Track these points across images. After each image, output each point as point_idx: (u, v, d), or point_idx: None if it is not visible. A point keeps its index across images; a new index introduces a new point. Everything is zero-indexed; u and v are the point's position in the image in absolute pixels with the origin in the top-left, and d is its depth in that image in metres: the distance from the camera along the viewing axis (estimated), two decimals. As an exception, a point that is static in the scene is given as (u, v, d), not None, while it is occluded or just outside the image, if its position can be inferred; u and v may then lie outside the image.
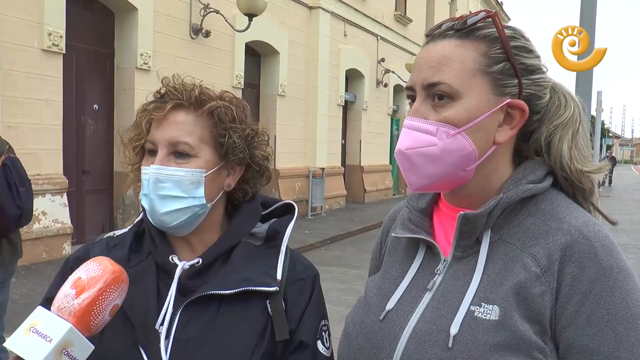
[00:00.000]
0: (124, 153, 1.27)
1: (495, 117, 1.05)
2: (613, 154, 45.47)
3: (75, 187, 8.70)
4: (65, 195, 8.06)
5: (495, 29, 1.04)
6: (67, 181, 8.09)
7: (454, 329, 0.99)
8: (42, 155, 7.73)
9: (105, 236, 1.30)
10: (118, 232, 1.31)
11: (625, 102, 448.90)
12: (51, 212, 7.81)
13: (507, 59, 1.04)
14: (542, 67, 1.09)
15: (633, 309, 0.95)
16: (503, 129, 1.06)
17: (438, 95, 1.03)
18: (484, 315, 0.99)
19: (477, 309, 1.00)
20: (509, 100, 1.05)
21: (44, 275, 7.00)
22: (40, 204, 7.51)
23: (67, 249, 8.02)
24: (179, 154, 1.18)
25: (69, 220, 8.10)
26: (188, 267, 1.21)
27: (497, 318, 0.98)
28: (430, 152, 1.03)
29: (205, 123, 1.21)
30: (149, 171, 1.17)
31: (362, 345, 1.10)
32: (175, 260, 1.21)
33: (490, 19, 1.05)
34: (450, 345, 0.98)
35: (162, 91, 1.22)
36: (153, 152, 1.20)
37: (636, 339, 0.94)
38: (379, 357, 1.06)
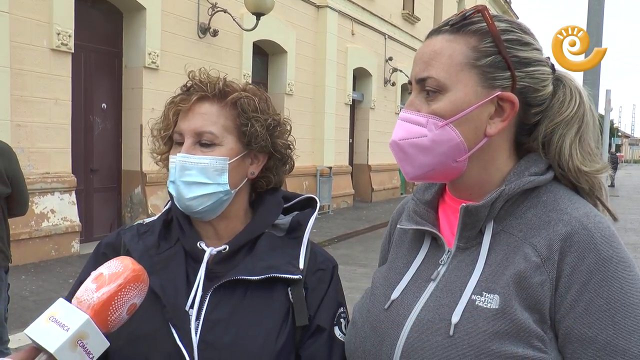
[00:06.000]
0: (153, 144, 1.34)
1: (485, 109, 1.06)
2: (617, 154, 41.55)
3: (84, 185, 8.77)
4: (73, 193, 8.12)
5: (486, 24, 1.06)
6: (75, 179, 8.15)
7: (455, 318, 1.01)
8: (51, 153, 7.79)
9: (135, 223, 1.36)
10: (148, 220, 1.37)
11: (635, 100, 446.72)
12: (60, 210, 7.87)
13: (499, 52, 1.05)
14: (540, 60, 1.09)
15: (631, 298, 0.96)
16: (494, 121, 1.07)
17: (429, 89, 1.07)
18: (485, 304, 1.00)
19: (478, 298, 1.01)
20: (498, 92, 1.05)
21: (52, 273, 7.07)
22: (49, 202, 7.59)
23: (76, 246, 8.08)
24: (204, 142, 1.24)
25: (78, 218, 8.16)
26: (215, 252, 1.27)
27: (497, 307, 0.99)
28: (421, 143, 1.07)
29: (229, 113, 1.26)
30: (176, 159, 1.24)
31: (367, 334, 1.12)
32: (203, 246, 1.27)
33: (480, 14, 1.06)
34: (451, 333, 0.99)
35: (189, 84, 1.29)
36: (180, 142, 1.26)
37: (633, 327, 0.95)
38: (383, 345, 1.08)
